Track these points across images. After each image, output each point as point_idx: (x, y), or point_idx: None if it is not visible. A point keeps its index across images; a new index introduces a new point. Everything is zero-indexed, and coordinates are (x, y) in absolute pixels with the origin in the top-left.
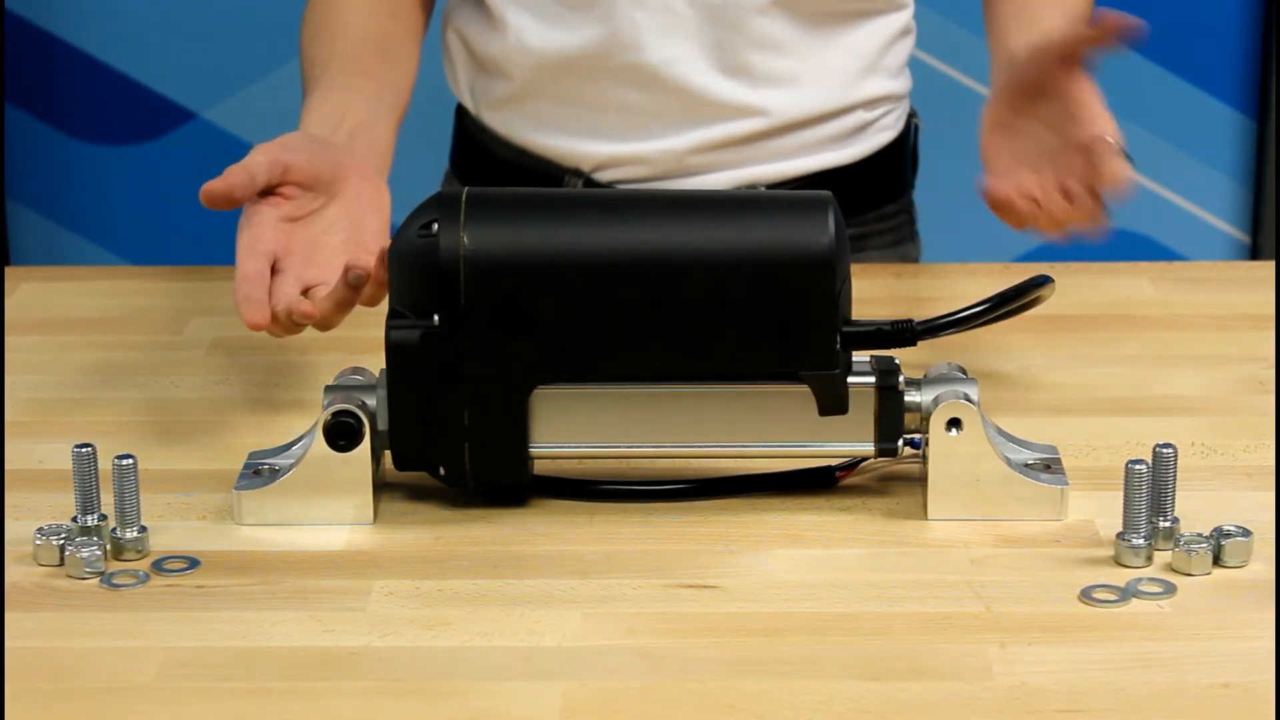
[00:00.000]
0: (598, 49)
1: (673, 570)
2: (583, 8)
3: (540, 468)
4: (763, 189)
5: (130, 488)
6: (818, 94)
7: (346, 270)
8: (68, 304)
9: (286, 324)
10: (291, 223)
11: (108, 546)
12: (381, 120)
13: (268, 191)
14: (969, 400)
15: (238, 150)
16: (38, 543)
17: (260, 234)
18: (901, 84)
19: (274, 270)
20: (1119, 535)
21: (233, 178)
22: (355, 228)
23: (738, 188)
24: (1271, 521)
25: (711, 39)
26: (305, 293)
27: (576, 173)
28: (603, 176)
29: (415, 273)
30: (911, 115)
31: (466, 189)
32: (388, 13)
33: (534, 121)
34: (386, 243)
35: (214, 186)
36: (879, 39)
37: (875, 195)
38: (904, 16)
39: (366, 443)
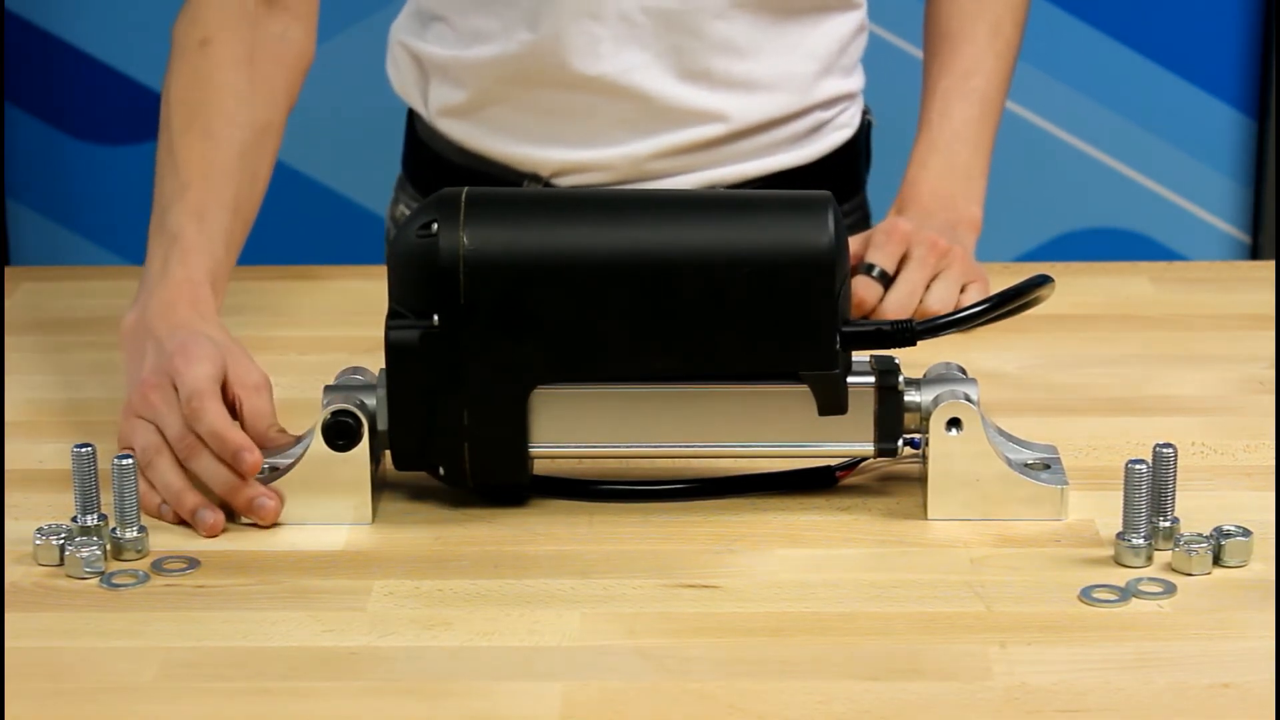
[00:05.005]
0: (552, 58)
1: (673, 570)
2: (533, 21)
3: (540, 468)
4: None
5: (130, 488)
6: (777, 97)
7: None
8: (68, 304)
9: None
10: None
11: (107, 546)
12: (234, 253)
13: None
14: (969, 400)
15: None
16: (37, 543)
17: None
18: (856, 82)
19: None
20: (1119, 535)
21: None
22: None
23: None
24: (1271, 521)
25: (669, 45)
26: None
27: (534, 178)
28: (561, 183)
29: (415, 273)
30: (865, 112)
31: (467, 189)
32: (264, 100)
33: (489, 128)
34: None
35: (256, 460)
36: (836, 38)
37: (832, 193)
38: (858, 15)
39: (366, 443)
